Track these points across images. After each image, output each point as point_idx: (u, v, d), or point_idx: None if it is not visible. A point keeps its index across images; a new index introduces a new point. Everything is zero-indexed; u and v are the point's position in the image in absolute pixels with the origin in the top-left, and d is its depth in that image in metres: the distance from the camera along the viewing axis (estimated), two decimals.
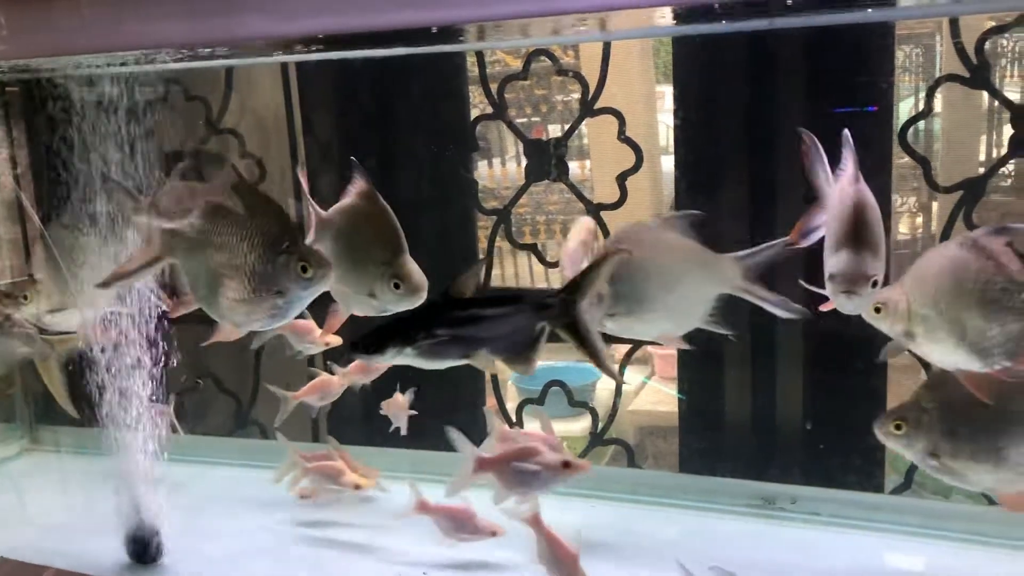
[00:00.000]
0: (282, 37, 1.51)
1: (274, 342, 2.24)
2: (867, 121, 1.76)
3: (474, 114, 2.13)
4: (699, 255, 1.46)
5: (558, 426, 3.10)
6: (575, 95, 1.94)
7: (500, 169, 4.06)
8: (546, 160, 1.95)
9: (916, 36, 3.34)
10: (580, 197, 1.98)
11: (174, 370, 2.07)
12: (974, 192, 1.69)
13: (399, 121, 2.15)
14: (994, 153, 2.86)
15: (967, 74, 1.65)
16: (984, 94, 1.77)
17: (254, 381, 2.33)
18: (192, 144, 2.28)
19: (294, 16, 1.37)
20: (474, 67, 2.05)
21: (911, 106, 1.77)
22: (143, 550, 1.70)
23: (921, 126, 2.67)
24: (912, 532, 1.68)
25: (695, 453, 1.96)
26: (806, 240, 1.38)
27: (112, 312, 1.66)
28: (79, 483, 2.06)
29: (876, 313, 1.30)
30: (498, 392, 2.15)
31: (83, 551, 1.75)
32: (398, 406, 1.87)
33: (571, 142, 2.00)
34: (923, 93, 1.77)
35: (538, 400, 2.12)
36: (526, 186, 2.02)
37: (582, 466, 1.48)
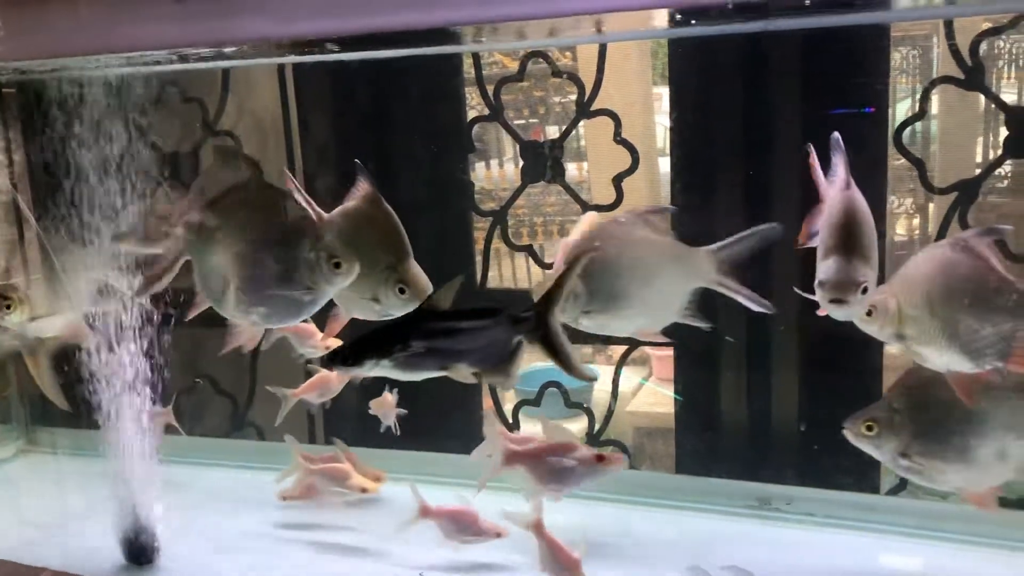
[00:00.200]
0: (278, 39, 1.51)
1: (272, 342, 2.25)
2: (864, 123, 1.76)
3: (472, 116, 2.13)
4: (672, 249, 1.47)
5: None
6: (573, 97, 1.94)
7: (498, 171, 4.06)
8: (542, 162, 1.96)
9: (914, 38, 3.34)
10: (576, 199, 1.98)
11: (173, 371, 2.08)
12: (969, 193, 1.69)
13: (395, 123, 2.15)
14: (991, 155, 2.86)
15: (962, 76, 1.65)
16: (981, 95, 1.77)
17: (251, 382, 2.34)
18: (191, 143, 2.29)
19: (291, 18, 1.38)
20: (471, 69, 2.06)
21: (908, 108, 1.76)
22: (139, 551, 1.70)
23: (918, 128, 2.67)
24: (907, 533, 1.68)
25: (691, 454, 1.97)
26: (812, 241, 1.37)
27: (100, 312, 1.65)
28: (75, 484, 2.06)
29: (866, 316, 1.30)
30: (495, 394, 2.15)
31: (79, 552, 1.75)
32: (387, 405, 1.87)
33: (569, 143, 2.00)
34: (920, 95, 1.78)
35: (535, 401, 2.12)
36: (522, 188, 2.02)
37: (616, 460, 1.47)
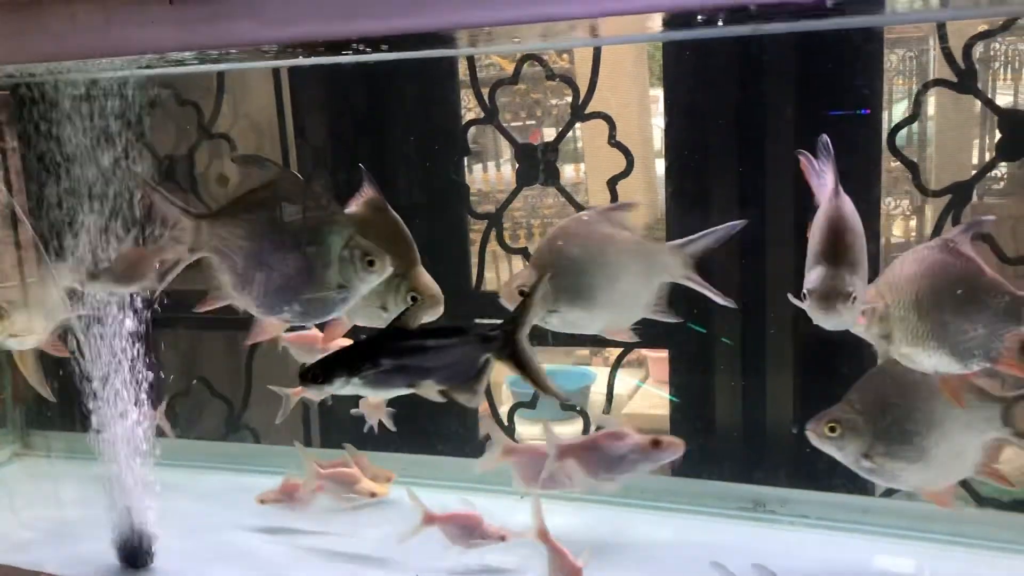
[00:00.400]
0: (273, 42, 1.51)
1: (266, 344, 2.25)
2: (859, 125, 1.76)
3: (468, 118, 2.13)
4: (636, 245, 1.47)
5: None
6: (570, 99, 1.95)
7: (495, 173, 4.07)
8: (537, 165, 1.96)
9: (908, 40, 3.35)
10: (571, 201, 1.98)
11: (166, 374, 2.08)
12: (963, 196, 1.70)
13: (391, 125, 2.15)
14: (986, 157, 2.87)
15: (955, 79, 1.66)
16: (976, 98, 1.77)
17: (246, 385, 2.34)
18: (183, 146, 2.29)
19: (284, 22, 1.38)
20: (467, 72, 2.06)
21: (905, 110, 1.76)
22: (134, 555, 1.70)
23: (914, 130, 2.67)
24: (901, 535, 1.68)
25: (686, 456, 1.96)
26: None
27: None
28: (70, 488, 2.06)
29: None
30: (491, 396, 2.15)
31: (74, 556, 1.74)
32: (373, 405, 1.86)
33: (566, 146, 2.00)
34: (914, 98, 1.78)
35: (530, 404, 2.13)
36: (517, 191, 2.02)
37: (673, 444, 1.47)
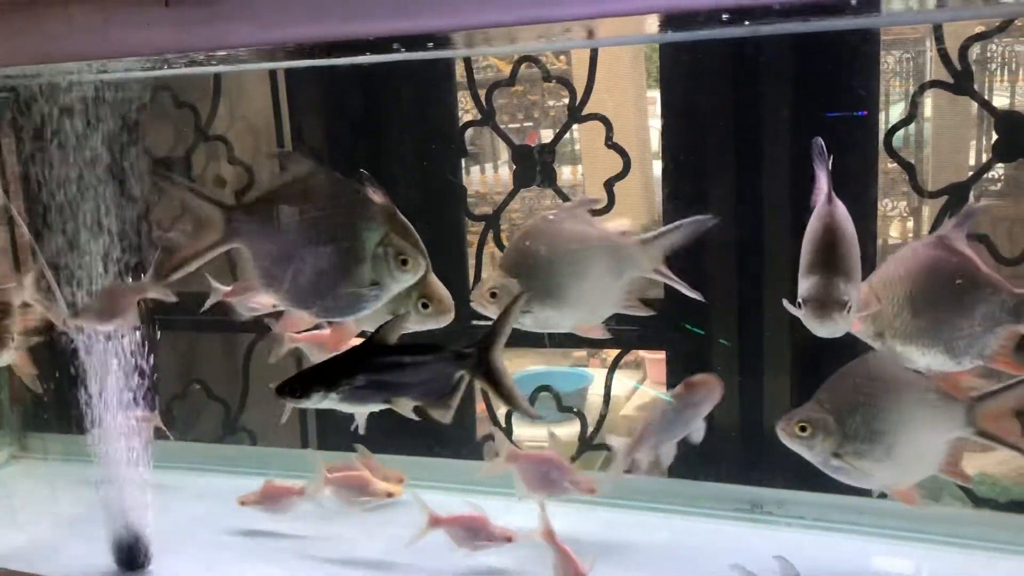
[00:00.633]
0: (269, 45, 1.51)
1: (262, 347, 2.25)
2: (855, 127, 1.76)
3: (465, 120, 2.13)
4: (605, 241, 1.47)
5: (547, 431, 3.09)
6: (567, 100, 1.95)
7: (492, 175, 4.06)
8: (533, 166, 1.96)
9: (905, 42, 3.35)
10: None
11: (164, 377, 2.07)
12: (959, 197, 1.70)
13: (388, 127, 2.15)
14: (983, 158, 2.87)
15: (951, 80, 1.66)
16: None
17: (243, 387, 2.33)
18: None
19: (280, 24, 1.38)
20: (464, 73, 2.06)
21: (902, 111, 1.77)
22: (131, 557, 1.70)
23: (911, 131, 2.67)
24: (898, 535, 1.68)
25: (683, 458, 1.96)
26: None
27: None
28: (67, 490, 2.05)
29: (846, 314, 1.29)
30: (487, 397, 2.15)
31: (71, 558, 1.75)
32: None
33: (564, 147, 2.00)
34: (910, 99, 1.78)
35: None
36: (514, 192, 2.02)
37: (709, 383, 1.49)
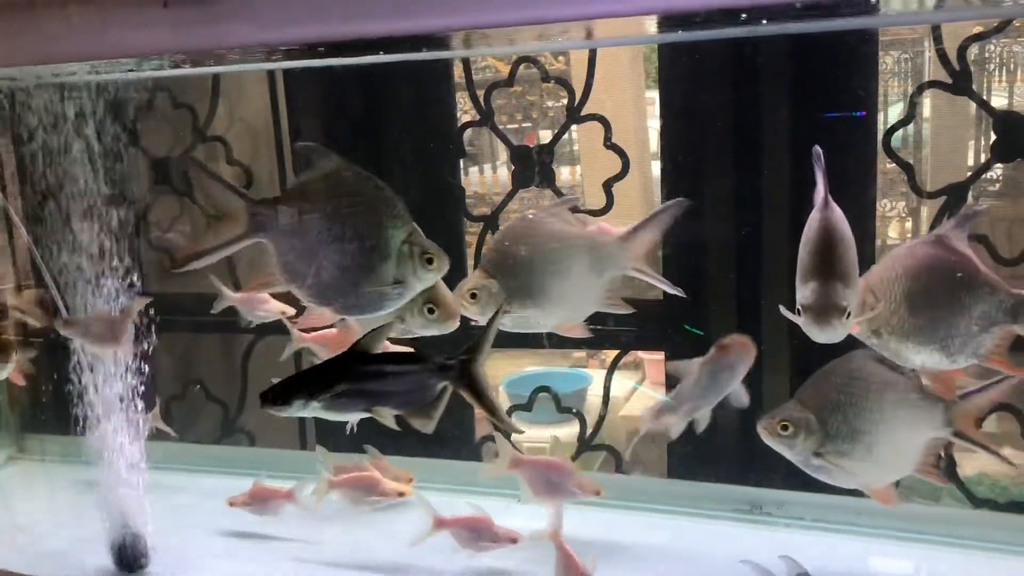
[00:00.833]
0: (268, 45, 1.51)
1: (260, 347, 2.25)
2: (854, 127, 1.76)
3: (464, 121, 2.13)
4: (584, 240, 1.48)
5: (546, 432, 3.11)
6: (566, 101, 1.95)
7: (491, 175, 4.06)
8: (531, 167, 1.96)
9: (903, 42, 3.35)
10: None
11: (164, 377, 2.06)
12: (958, 197, 1.70)
13: (387, 127, 2.15)
14: (982, 158, 2.87)
15: (950, 80, 1.66)
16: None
17: (242, 389, 2.33)
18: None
19: (279, 24, 1.38)
20: (462, 74, 2.06)
21: (900, 112, 1.77)
22: (129, 558, 1.70)
23: (910, 131, 2.66)
24: (896, 536, 1.68)
25: (683, 459, 1.97)
26: None
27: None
28: (65, 492, 2.05)
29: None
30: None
31: (69, 560, 1.74)
32: None
33: (563, 148, 2.00)
34: (909, 99, 1.79)
35: (526, 406, 2.12)
36: (512, 193, 2.02)
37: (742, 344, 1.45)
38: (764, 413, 1.39)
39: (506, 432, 1.36)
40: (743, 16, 1.34)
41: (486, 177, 4.07)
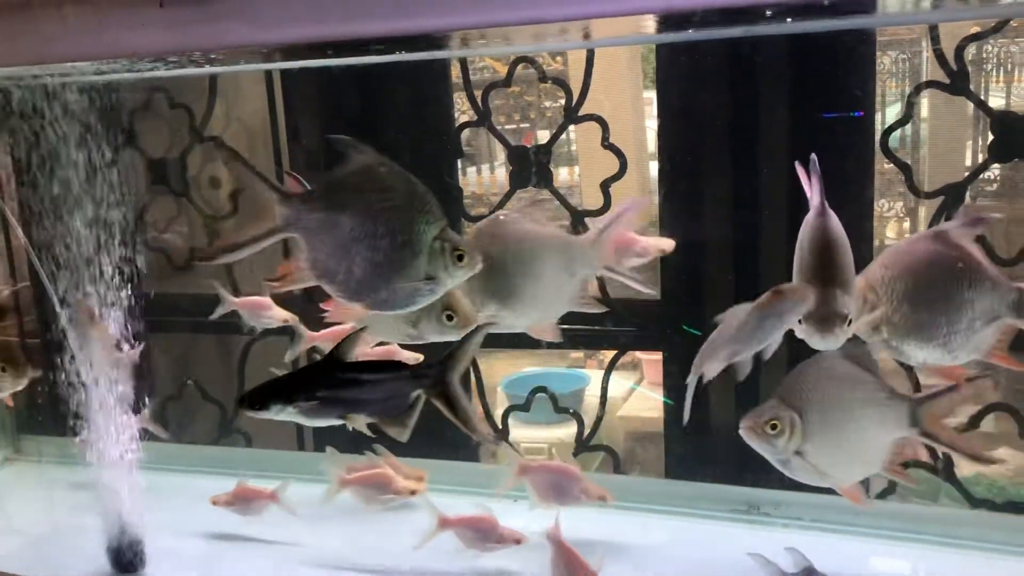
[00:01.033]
0: (265, 45, 1.51)
1: (258, 347, 2.25)
2: (851, 127, 1.76)
3: (462, 121, 2.13)
4: (557, 240, 1.47)
5: (544, 432, 3.11)
6: (563, 101, 1.95)
7: (489, 176, 4.06)
8: (529, 167, 1.96)
9: (901, 42, 3.36)
10: (564, 204, 1.98)
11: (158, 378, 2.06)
12: (955, 197, 1.70)
13: (384, 128, 2.15)
14: (980, 158, 2.87)
15: (947, 80, 1.66)
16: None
17: (239, 389, 2.33)
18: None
19: (276, 24, 1.37)
20: (460, 74, 2.06)
21: (898, 112, 1.77)
22: (125, 560, 1.70)
23: (907, 132, 2.65)
24: (895, 536, 1.68)
25: (680, 459, 1.97)
26: None
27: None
28: (61, 493, 2.05)
29: None
30: (484, 398, 2.15)
31: (65, 561, 1.74)
32: None
33: (561, 148, 2.00)
34: (906, 100, 1.79)
35: (524, 407, 2.12)
36: (510, 194, 2.02)
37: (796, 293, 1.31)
38: (745, 413, 1.38)
39: (483, 439, 1.37)
40: (741, 16, 1.34)
41: (484, 177, 4.07)
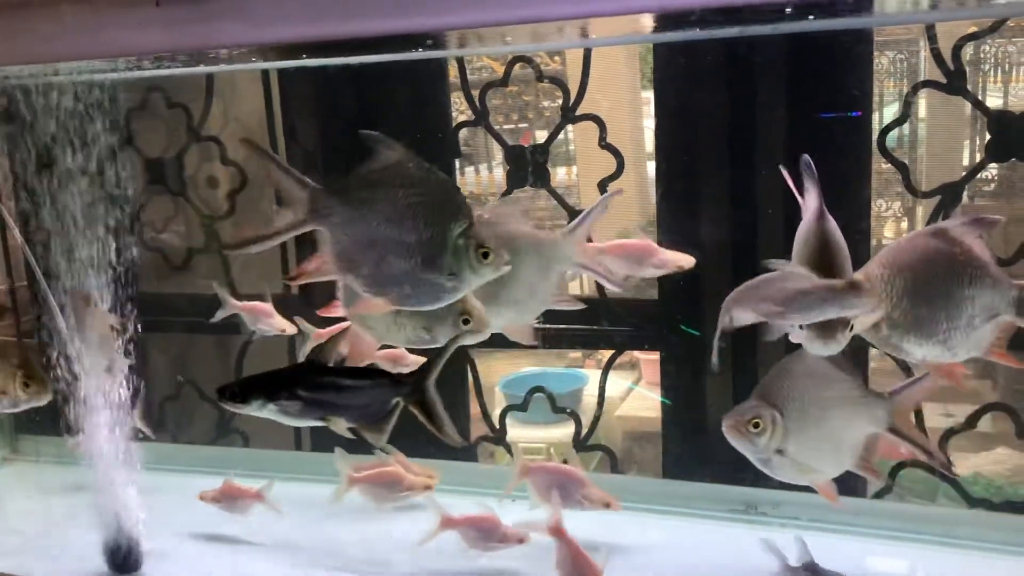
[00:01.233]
0: (262, 44, 1.51)
1: (256, 347, 2.24)
2: (849, 127, 1.76)
3: (460, 120, 2.13)
4: (532, 238, 1.47)
5: (541, 432, 3.11)
6: (561, 100, 1.94)
7: (487, 175, 4.06)
8: (526, 167, 1.95)
9: (899, 42, 3.36)
10: (562, 203, 1.98)
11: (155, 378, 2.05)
12: (952, 197, 1.70)
13: (382, 127, 2.13)
14: (977, 158, 2.88)
15: (944, 80, 1.66)
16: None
17: None
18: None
19: (272, 24, 1.37)
20: (458, 74, 2.05)
21: (896, 112, 1.77)
22: (123, 560, 1.69)
23: (905, 131, 2.65)
24: (892, 536, 1.68)
25: (678, 459, 1.97)
26: None
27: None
28: (59, 493, 2.05)
29: None
30: (481, 398, 2.15)
31: (63, 561, 1.74)
32: None
33: (559, 148, 2.00)
34: (903, 99, 1.79)
35: (522, 406, 2.12)
36: (507, 193, 2.02)
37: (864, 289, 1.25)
38: (727, 411, 1.38)
39: (455, 443, 1.39)
40: (738, 15, 1.34)
41: (482, 177, 4.08)
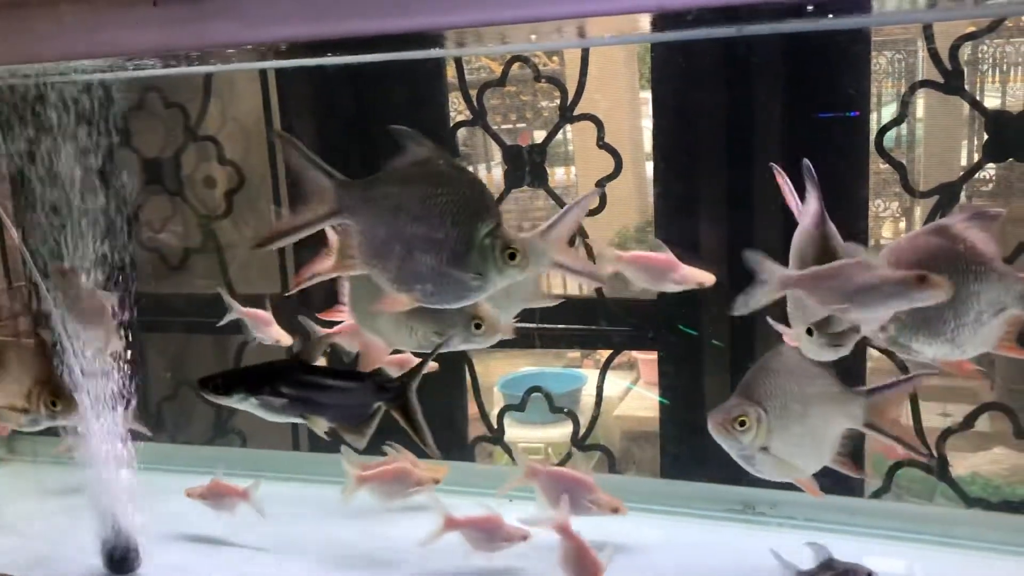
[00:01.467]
0: (259, 44, 1.51)
1: (255, 347, 2.24)
2: (847, 127, 1.76)
3: (457, 120, 2.13)
4: None
5: (539, 432, 3.11)
6: (559, 100, 1.94)
7: (485, 175, 4.06)
8: (523, 167, 1.95)
9: (896, 42, 3.36)
10: (560, 203, 1.98)
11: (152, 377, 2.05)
12: (950, 196, 1.70)
13: (379, 127, 2.13)
14: (975, 158, 2.88)
15: (942, 80, 1.66)
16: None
17: None
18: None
19: (268, 22, 1.37)
20: (455, 73, 2.05)
21: (894, 112, 1.77)
22: (120, 561, 1.69)
23: (903, 131, 2.65)
24: (890, 536, 1.68)
25: (676, 458, 1.97)
26: None
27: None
28: (56, 493, 2.04)
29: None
30: (479, 398, 2.15)
31: (60, 562, 1.73)
32: None
33: (557, 148, 2.00)
34: (901, 99, 1.79)
35: (520, 406, 2.12)
36: (505, 193, 2.02)
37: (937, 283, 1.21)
38: (711, 409, 1.37)
39: (433, 454, 1.40)
40: (736, 15, 1.34)
41: (480, 177, 4.08)
